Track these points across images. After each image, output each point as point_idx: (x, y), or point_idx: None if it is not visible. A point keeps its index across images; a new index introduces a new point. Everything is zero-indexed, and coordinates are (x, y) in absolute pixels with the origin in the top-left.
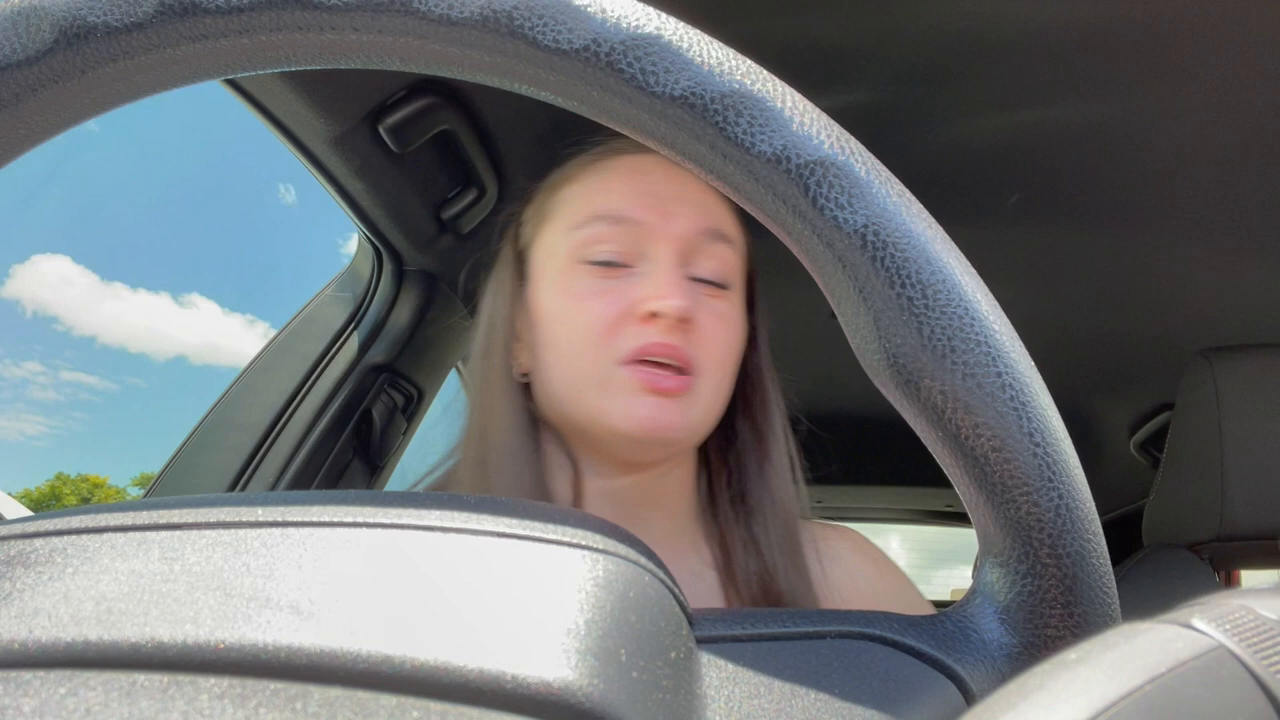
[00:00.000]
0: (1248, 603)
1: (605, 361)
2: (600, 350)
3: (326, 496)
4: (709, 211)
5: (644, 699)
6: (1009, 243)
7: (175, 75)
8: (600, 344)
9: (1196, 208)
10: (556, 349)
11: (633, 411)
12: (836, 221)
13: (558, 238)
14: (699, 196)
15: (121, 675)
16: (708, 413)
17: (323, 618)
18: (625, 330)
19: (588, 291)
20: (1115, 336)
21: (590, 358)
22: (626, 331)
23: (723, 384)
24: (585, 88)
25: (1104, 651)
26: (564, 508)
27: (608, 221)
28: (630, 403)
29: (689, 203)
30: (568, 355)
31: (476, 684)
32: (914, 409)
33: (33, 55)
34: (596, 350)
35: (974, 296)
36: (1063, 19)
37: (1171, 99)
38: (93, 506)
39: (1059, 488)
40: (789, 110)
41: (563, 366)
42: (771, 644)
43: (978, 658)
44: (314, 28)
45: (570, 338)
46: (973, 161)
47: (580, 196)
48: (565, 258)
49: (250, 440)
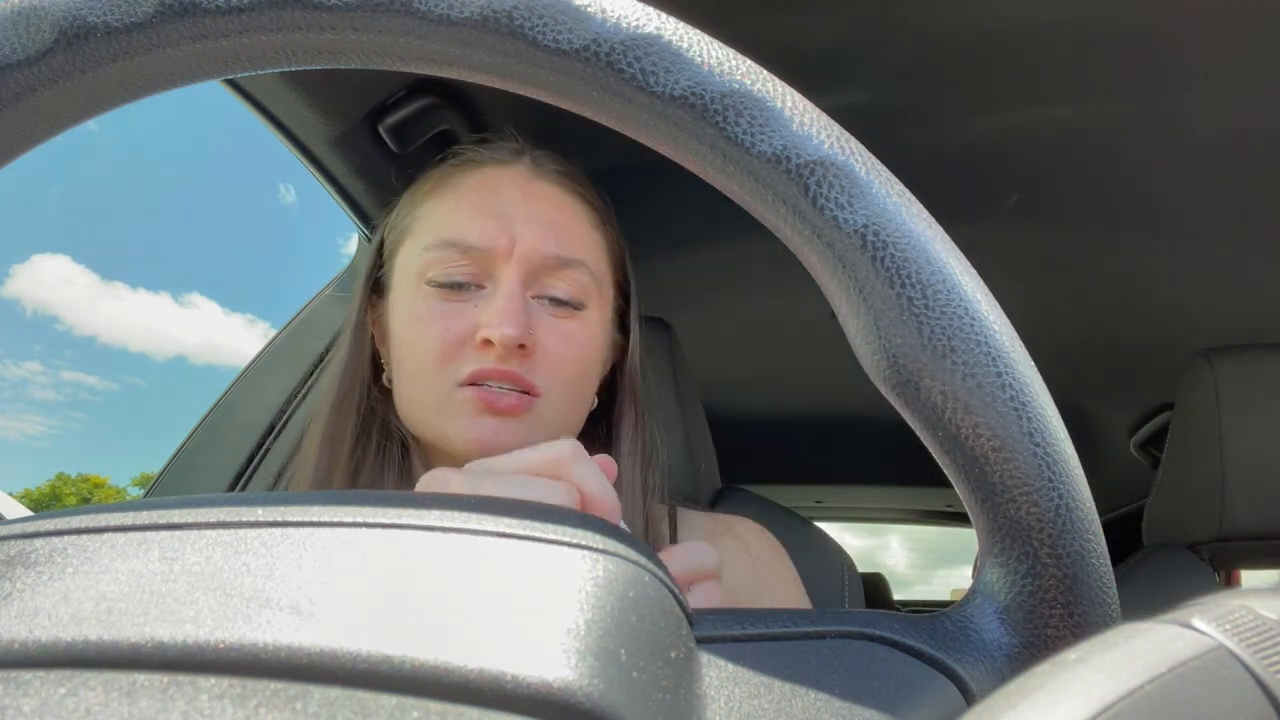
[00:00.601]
0: (1248, 603)
1: (446, 383)
2: (440, 373)
3: (326, 496)
4: (559, 235)
5: (644, 699)
6: (1009, 243)
7: (175, 75)
8: (440, 367)
9: (1196, 208)
10: (402, 368)
11: (471, 432)
12: (836, 221)
13: (412, 256)
14: (550, 218)
15: (121, 675)
16: (555, 432)
17: (323, 618)
18: (464, 355)
19: (430, 314)
20: (1115, 336)
21: (431, 379)
22: (465, 356)
23: (573, 401)
24: (585, 88)
25: (1104, 651)
26: (564, 508)
27: (455, 248)
28: (468, 424)
29: (538, 223)
30: (412, 375)
31: (476, 684)
32: (914, 409)
33: (33, 55)
34: (436, 373)
35: (974, 296)
36: (1063, 19)
37: (1172, 99)
38: (93, 506)
39: (1059, 488)
40: (789, 110)
41: (408, 386)
42: (771, 644)
43: (978, 658)
44: (314, 28)
45: (413, 359)
46: (973, 161)
47: (431, 217)
48: (415, 277)
49: (250, 440)
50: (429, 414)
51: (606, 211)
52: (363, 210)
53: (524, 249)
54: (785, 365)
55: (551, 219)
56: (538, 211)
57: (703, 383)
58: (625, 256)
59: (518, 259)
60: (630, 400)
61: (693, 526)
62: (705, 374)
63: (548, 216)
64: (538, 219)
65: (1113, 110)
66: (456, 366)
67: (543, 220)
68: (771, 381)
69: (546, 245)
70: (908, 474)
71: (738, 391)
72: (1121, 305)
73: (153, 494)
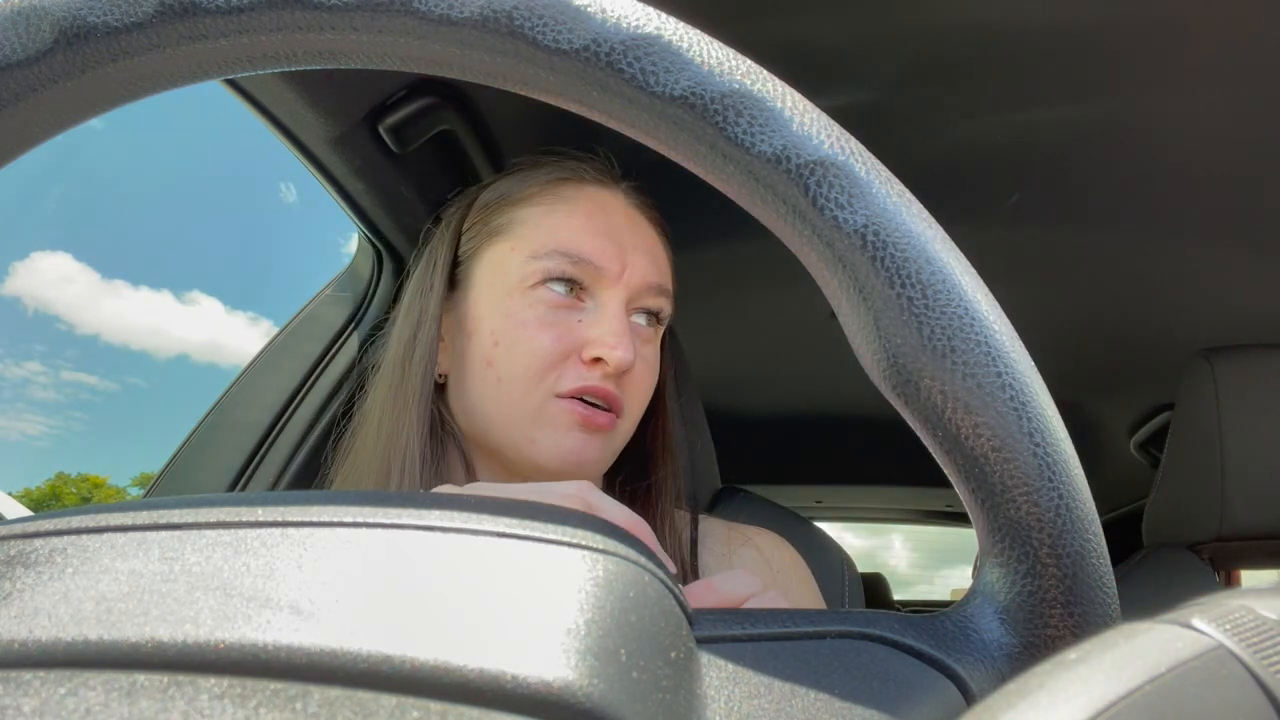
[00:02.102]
0: (1248, 603)
1: (543, 393)
2: (540, 382)
3: (326, 496)
4: (659, 265)
5: (644, 699)
6: (1009, 243)
7: (175, 75)
8: (541, 376)
9: (1196, 208)
10: (494, 370)
11: (560, 444)
12: (836, 221)
13: (511, 259)
14: (652, 246)
15: (121, 675)
16: (620, 447)
17: (323, 618)
18: (568, 368)
19: (536, 322)
20: (1115, 336)
21: (528, 386)
22: (569, 369)
23: (637, 420)
24: (585, 88)
25: (1104, 651)
26: (564, 508)
27: (569, 259)
28: (560, 436)
29: (645, 253)
30: (506, 380)
31: (476, 684)
32: (914, 409)
33: (33, 55)
34: (537, 381)
35: (974, 296)
36: (1063, 19)
37: (1171, 99)
38: (93, 506)
39: (1059, 488)
40: (789, 110)
41: (498, 389)
42: (771, 644)
43: (978, 658)
44: (314, 28)
45: (512, 363)
46: (973, 161)
47: (541, 223)
48: (517, 281)
49: (250, 440)
50: (518, 419)
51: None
52: (363, 210)
53: (633, 275)
54: (785, 365)
55: (651, 249)
56: (642, 240)
57: (703, 383)
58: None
59: (626, 283)
60: (664, 415)
61: (713, 535)
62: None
63: (649, 246)
64: (643, 248)
65: (1112, 109)
66: (559, 377)
67: (647, 250)
68: (771, 381)
69: (650, 275)
70: (908, 474)
71: (738, 391)
72: (1121, 305)
73: (153, 494)
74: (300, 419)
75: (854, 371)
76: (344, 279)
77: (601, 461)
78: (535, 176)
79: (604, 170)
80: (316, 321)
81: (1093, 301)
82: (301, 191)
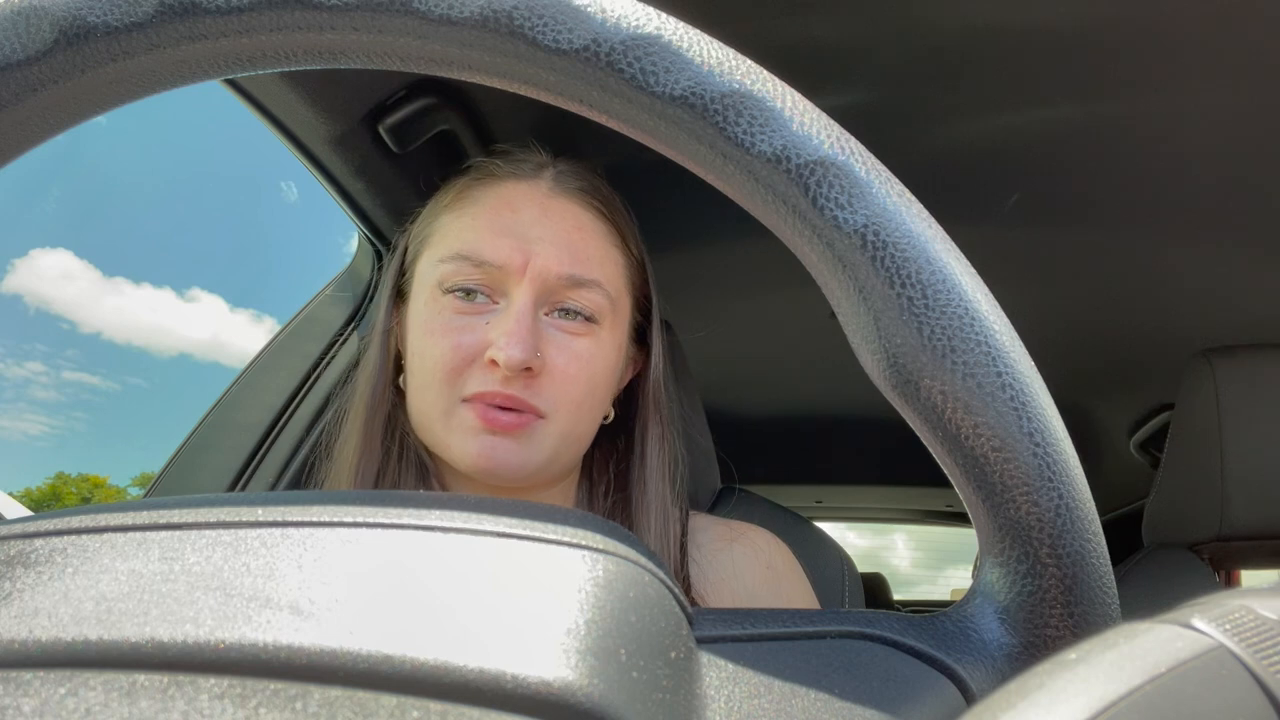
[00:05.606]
0: (1248, 603)
1: (451, 398)
2: (447, 387)
3: (326, 496)
4: (574, 255)
5: (644, 699)
6: (1009, 243)
7: (175, 75)
8: (448, 381)
9: (1196, 208)
10: (413, 377)
11: (468, 448)
12: (836, 221)
13: (429, 268)
14: (567, 237)
15: (121, 675)
16: (559, 450)
17: (323, 618)
18: (473, 372)
19: (442, 327)
20: (1115, 336)
21: (437, 392)
22: (474, 374)
23: (580, 418)
24: (585, 88)
25: (1104, 651)
26: (564, 508)
27: (471, 262)
28: (468, 440)
29: (553, 243)
30: (420, 388)
31: (476, 684)
32: (914, 409)
33: (33, 55)
34: (443, 386)
35: (974, 296)
36: (1063, 19)
37: (1171, 99)
38: (93, 506)
39: (1059, 488)
40: (789, 110)
41: (418, 397)
42: (771, 644)
43: (978, 658)
44: (314, 28)
45: (423, 371)
46: (973, 161)
47: (449, 228)
48: (431, 289)
49: (250, 440)
50: (434, 425)
51: (629, 227)
52: (363, 210)
53: (537, 268)
54: (785, 365)
55: (568, 238)
56: (554, 230)
57: (703, 383)
58: (647, 272)
59: (530, 278)
60: (654, 413)
61: (706, 531)
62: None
63: (564, 236)
64: (553, 238)
65: (1113, 110)
66: (463, 382)
67: (559, 240)
68: (771, 381)
69: (561, 265)
70: (908, 474)
71: (738, 391)
72: (1122, 305)
73: (153, 494)
74: (300, 419)
75: (854, 371)
76: (344, 279)
77: (523, 467)
78: (457, 182)
79: (527, 163)
80: (316, 321)
81: (1093, 301)
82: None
